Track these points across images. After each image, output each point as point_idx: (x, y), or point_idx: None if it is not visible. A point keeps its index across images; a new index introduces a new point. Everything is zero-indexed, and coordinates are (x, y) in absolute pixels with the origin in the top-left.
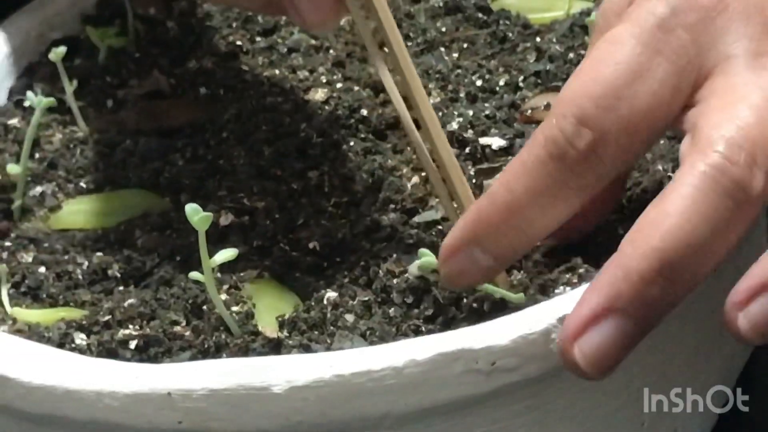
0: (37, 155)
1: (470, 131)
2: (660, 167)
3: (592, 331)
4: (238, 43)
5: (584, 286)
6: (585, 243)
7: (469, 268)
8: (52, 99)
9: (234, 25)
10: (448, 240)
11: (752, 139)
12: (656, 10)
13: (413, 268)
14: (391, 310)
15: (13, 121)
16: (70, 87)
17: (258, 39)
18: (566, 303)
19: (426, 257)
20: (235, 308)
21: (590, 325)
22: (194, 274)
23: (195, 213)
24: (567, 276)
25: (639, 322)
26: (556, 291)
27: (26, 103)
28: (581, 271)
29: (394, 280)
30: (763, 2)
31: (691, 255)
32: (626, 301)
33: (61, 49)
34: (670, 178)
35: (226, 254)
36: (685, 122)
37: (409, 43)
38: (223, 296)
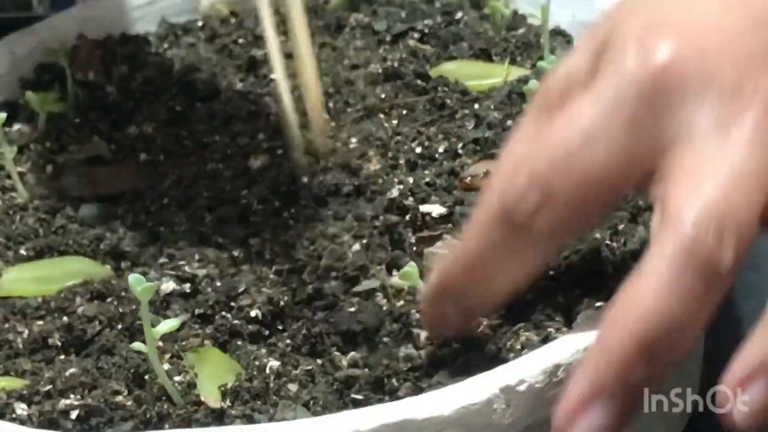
0: None
1: (410, 198)
2: (598, 235)
3: (583, 418)
4: (178, 108)
5: (528, 355)
6: (527, 308)
7: (442, 319)
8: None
9: (174, 90)
10: (425, 289)
11: (719, 216)
12: (614, 82)
13: (395, 279)
14: (335, 379)
15: None
16: (9, 152)
17: (198, 105)
18: (509, 373)
19: (409, 268)
20: (177, 378)
21: (581, 411)
22: (137, 345)
23: (138, 283)
24: (510, 342)
25: (625, 403)
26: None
27: None
28: (523, 339)
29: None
30: (719, 69)
31: (669, 336)
32: (611, 385)
33: (1, 115)
34: (607, 246)
35: (169, 324)
36: (652, 193)
37: (349, 110)
38: (166, 365)
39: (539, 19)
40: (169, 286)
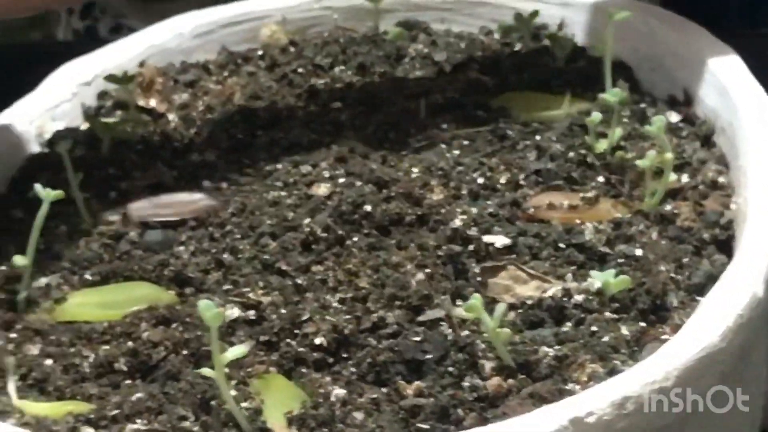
0: (41, 246)
1: (474, 229)
2: (663, 268)
3: None
4: (240, 136)
5: (595, 386)
6: (592, 340)
7: None
8: (60, 192)
9: (235, 118)
10: None
11: None
12: None
13: (460, 310)
14: (400, 408)
15: (17, 212)
16: (75, 179)
17: (259, 133)
18: (577, 404)
19: (474, 300)
20: (244, 404)
21: None
22: (206, 371)
23: (208, 309)
24: (576, 374)
25: None
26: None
27: (30, 194)
28: (589, 370)
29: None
30: None
31: None
32: None
33: (67, 142)
34: (672, 279)
35: (237, 351)
36: None
37: (410, 139)
38: (232, 392)
39: (598, 51)
40: (233, 312)
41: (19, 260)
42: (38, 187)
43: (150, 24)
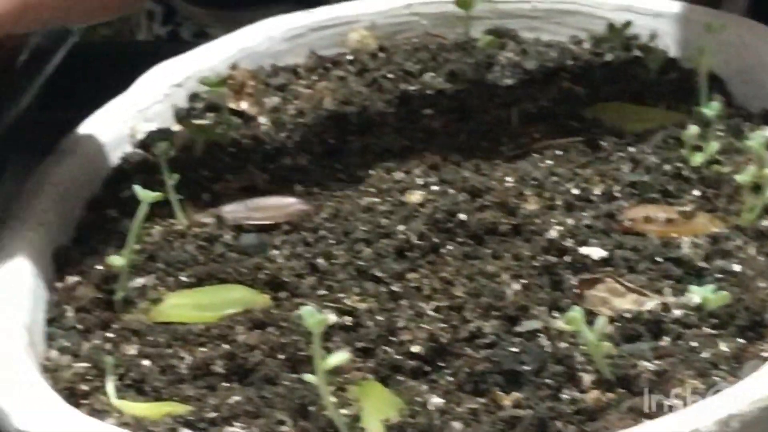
0: (136, 247)
1: (570, 240)
2: (761, 284)
3: None
4: (331, 141)
5: (699, 404)
6: (691, 355)
7: None
8: (159, 194)
9: (326, 123)
10: None
11: None
12: None
13: (558, 322)
14: (499, 419)
15: (112, 212)
16: (170, 180)
17: (350, 138)
18: (681, 422)
19: (574, 312)
20: (342, 411)
21: None
22: (308, 376)
23: (311, 315)
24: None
25: None
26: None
27: (124, 194)
28: (689, 386)
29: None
30: None
31: None
32: None
33: (164, 144)
34: None
35: (339, 357)
36: None
37: (502, 148)
38: (331, 398)
39: (691, 63)
40: (330, 318)
41: (116, 260)
42: (138, 188)
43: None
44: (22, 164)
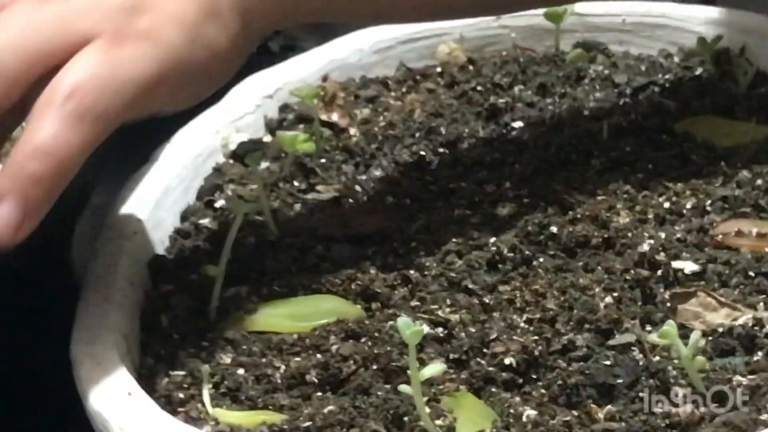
0: (230, 257)
1: (662, 254)
2: None
3: None
4: (422, 153)
5: None
6: None
7: None
8: (254, 204)
9: (417, 135)
10: None
11: None
12: None
13: (652, 336)
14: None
15: (205, 221)
16: (263, 191)
17: (441, 150)
18: None
19: (668, 326)
20: (437, 422)
21: None
22: (403, 387)
23: (407, 327)
24: None
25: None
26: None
27: (217, 204)
28: None
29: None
30: None
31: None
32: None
33: (257, 154)
34: None
35: (435, 369)
36: None
37: (593, 161)
38: (426, 409)
39: None
40: (423, 329)
41: (211, 270)
42: (232, 199)
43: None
44: (116, 174)
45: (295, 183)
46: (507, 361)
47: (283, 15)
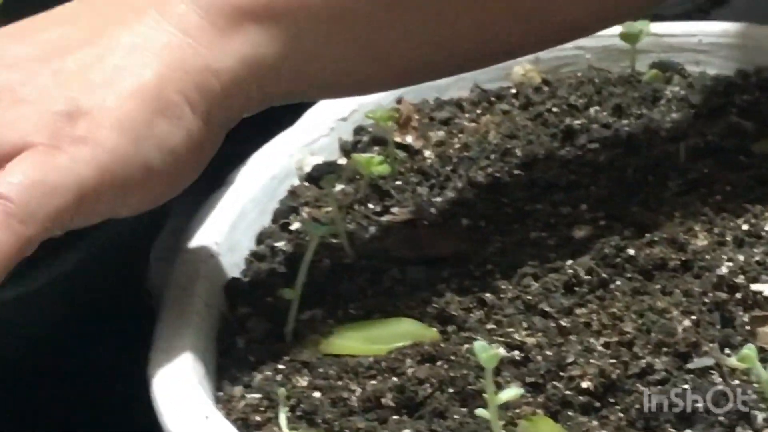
0: (305, 279)
1: (741, 276)
2: None
3: None
4: (497, 175)
5: None
6: None
7: None
8: (331, 227)
9: (492, 156)
10: None
11: None
12: None
13: (732, 360)
14: None
15: (280, 244)
16: (338, 213)
17: (516, 172)
18: None
19: (747, 350)
20: None
21: None
22: (480, 411)
23: (484, 350)
24: None
25: None
26: None
27: (292, 226)
28: None
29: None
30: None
31: None
32: None
33: (333, 176)
34: None
35: (511, 393)
36: None
37: (670, 183)
38: None
39: None
40: (499, 352)
41: (287, 293)
42: (308, 222)
43: None
44: (192, 196)
45: (370, 205)
46: (584, 384)
47: (248, 103)
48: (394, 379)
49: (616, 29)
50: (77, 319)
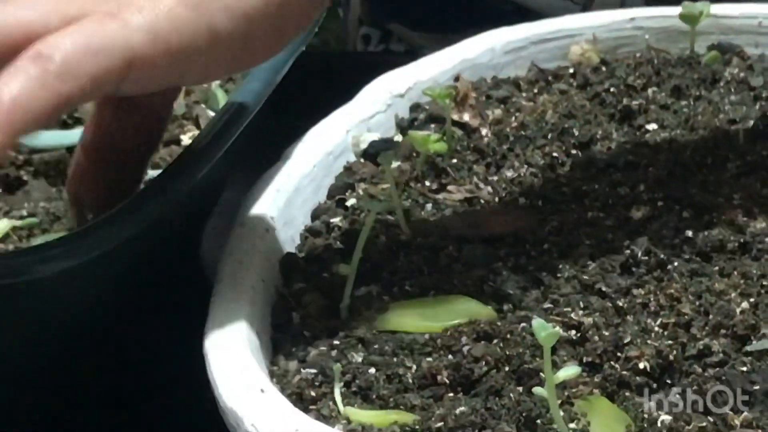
0: (361, 255)
1: None
2: None
3: None
4: (554, 154)
5: None
6: None
7: None
8: (387, 204)
9: (549, 136)
10: None
11: None
12: None
13: None
14: None
15: (335, 220)
16: (396, 192)
17: (573, 152)
18: None
19: None
20: (571, 425)
21: None
22: (538, 389)
23: (542, 329)
24: None
25: None
26: None
27: (348, 203)
28: None
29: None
30: None
31: None
32: None
33: (390, 153)
34: None
35: (569, 372)
36: None
37: (728, 164)
38: (560, 412)
39: None
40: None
41: (343, 269)
42: (365, 198)
43: None
44: (247, 171)
45: (427, 183)
46: (641, 365)
47: None
48: (450, 356)
49: (675, 10)
50: (130, 292)
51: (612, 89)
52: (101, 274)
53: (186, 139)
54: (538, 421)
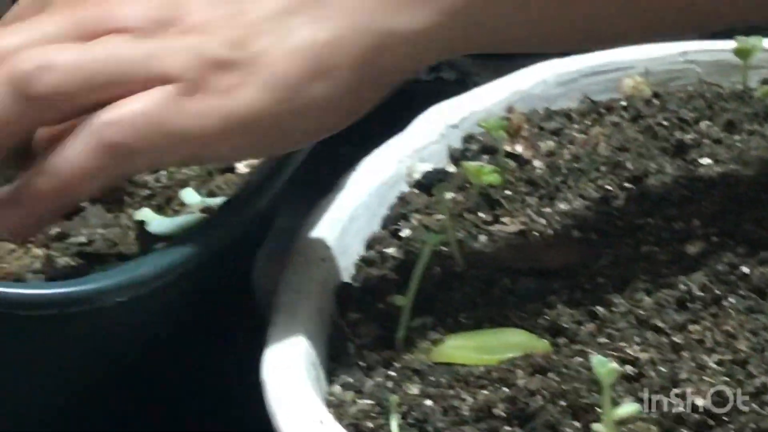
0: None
1: None
2: None
3: None
4: (608, 187)
5: None
6: None
7: None
8: (441, 236)
9: (602, 168)
10: None
11: None
12: None
13: None
14: None
15: (390, 250)
16: (450, 224)
17: (627, 185)
18: None
19: None
20: None
21: None
22: (597, 426)
23: (602, 365)
24: None
25: None
26: None
27: (402, 233)
28: None
29: None
30: None
31: None
32: None
33: (444, 184)
34: None
35: (629, 409)
36: None
37: None
38: None
39: None
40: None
41: (399, 300)
42: (421, 229)
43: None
44: (301, 199)
45: (480, 214)
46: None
47: (427, 61)
48: (505, 389)
49: (727, 44)
50: (187, 320)
51: (665, 122)
52: (160, 303)
53: (242, 167)
54: None
